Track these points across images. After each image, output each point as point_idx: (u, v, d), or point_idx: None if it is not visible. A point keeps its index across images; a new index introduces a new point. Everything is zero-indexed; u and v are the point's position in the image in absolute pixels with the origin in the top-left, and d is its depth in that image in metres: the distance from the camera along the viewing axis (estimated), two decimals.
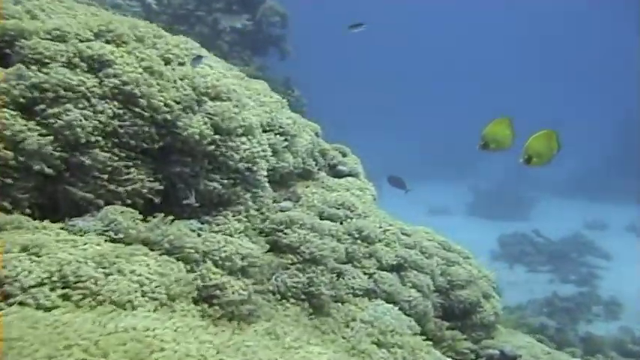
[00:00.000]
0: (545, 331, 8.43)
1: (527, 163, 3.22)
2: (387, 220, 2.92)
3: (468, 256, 3.45)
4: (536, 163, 3.20)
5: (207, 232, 1.90)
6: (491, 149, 3.34)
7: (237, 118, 1.99)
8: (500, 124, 3.31)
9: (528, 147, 3.18)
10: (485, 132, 3.31)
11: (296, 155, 2.82)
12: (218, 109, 1.95)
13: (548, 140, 3.21)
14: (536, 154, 3.18)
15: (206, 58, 2.17)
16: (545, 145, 3.19)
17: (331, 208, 2.74)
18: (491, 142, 3.31)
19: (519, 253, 15.44)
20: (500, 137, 3.31)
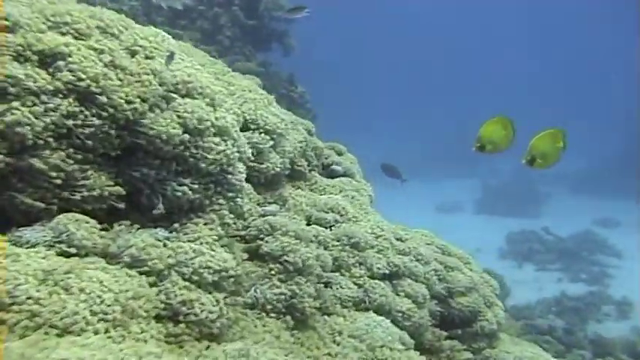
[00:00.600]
0: (554, 332, 8.22)
1: (531, 164, 3.04)
2: (381, 224, 2.74)
3: (468, 261, 3.27)
4: (540, 164, 3.02)
5: (175, 242, 1.73)
6: (488, 151, 3.17)
7: (209, 116, 1.81)
8: (496, 124, 3.13)
9: (532, 147, 3.00)
10: (481, 133, 3.14)
11: (284, 155, 2.65)
12: (188, 107, 1.77)
13: (554, 140, 3.02)
14: (540, 155, 2.99)
15: (179, 55, 1.99)
16: (551, 145, 3.00)
17: (320, 212, 2.57)
18: (488, 144, 3.14)
19: (528, 251, 15.24)
20: (496, 138, 3.13)
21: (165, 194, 1.76)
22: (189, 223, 1.81)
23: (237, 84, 2.67)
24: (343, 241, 2.45)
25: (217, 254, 1.78)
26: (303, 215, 2.55)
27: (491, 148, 3.17)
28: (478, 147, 3.18)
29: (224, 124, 1.88)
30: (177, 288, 1.62)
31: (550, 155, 3.00)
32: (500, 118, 3.17)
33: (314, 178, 3.18)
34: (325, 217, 2.53)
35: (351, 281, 2.38)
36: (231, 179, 1.91)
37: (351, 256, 2.43)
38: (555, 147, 3.01)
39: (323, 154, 3.37)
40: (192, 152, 1.78)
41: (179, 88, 1.83)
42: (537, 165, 3.03)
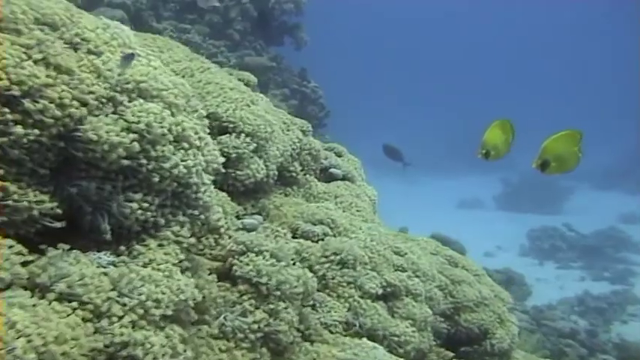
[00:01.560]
0: (577, 335, 7.90)
1: (543, 169, 2.76)
2: (378, 236, 2.47)
3: (478, 273, 2.99)
4: (555, 169, 2.73)
5: (121, 269, 1.47)
6: (492, 158, 2.90)
7: (165, 122, 1.55)
8: (498, 129, 2.86)
9: (545, 150, 2.71)
10: (486, 139, 2.87)
11: (268, 160, 2.39)
12: (139, 112, 1.52)
13: (571, 142, 2.73)
14: (555, 159, 2.71)
15: (138, 50, 1.73)
16: (567, 147, 2.71)
17: (307, 224, 2.31)
18: (492, 150, 2.88)
19: (550, 248, 14.85)
20: (500, 144, 2.87)
21: (110, 212, 1.51)
22: (140, 245, 1.56)
23: (217, 82, 2.41)
24: (331, 257, 2.18)
25: (173, 280, 1.53)
26: (288, 228, 2.29)
27: (495, 155, 2.92)
28: (484, 154, 2.92)
29: (183, 130, 1.62)
30: (117, 326, 1.37)
31: (566, 159, 2.71)
32: (501, 121, 2.90)
33: (309, 183, 2.92)
34: (313, 230, 2.27)
35: (339, 303, 2.12)
36: (193, 193, 1.65)
37: (340, 275, 2.17)
38: (572, 150, 2.72)
39: (320, 157, 3.11)
40: (143, 163, 1.52)
41: (129, 89, 1.57)
42: (552, 170, 2.74)
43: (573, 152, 2.72)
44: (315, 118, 9.47)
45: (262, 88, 8.47)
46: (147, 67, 1.67)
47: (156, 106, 1.57)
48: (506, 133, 2.92)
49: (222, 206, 2.09)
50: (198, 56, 2.63)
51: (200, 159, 1.67)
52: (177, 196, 1.63)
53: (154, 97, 1.60)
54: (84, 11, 1.74)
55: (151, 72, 1.65)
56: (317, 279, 2.14)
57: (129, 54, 1.60)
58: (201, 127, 1.72)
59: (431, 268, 2.55)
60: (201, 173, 1.67)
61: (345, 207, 2.87)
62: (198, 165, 1.65)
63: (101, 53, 1.60)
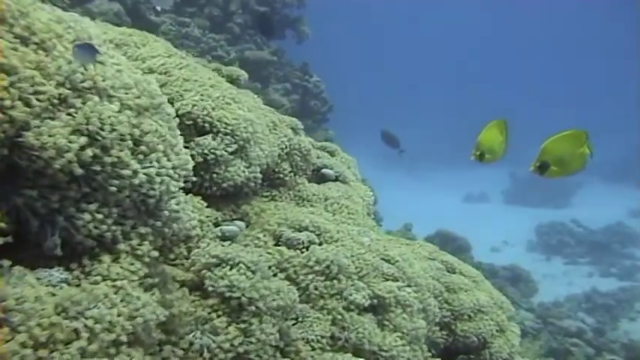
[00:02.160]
0: (583, 335, 7.74)
1: (542, 172, 2.60)
2: (368, 244, 2.32)
3: (476, 279, 2.84)
4: (555, 172, 2.57)
5: (70, 288, 1.34)
6: (487, 160, 2.75)
7: (125, 124, 1.41)
8: (493, 130, 2.70)
9: (544, 151, 2.55)
10: (481, 140, 2.72)
11: (251, 161, 2.24)
12: (94, 113, 1.38)
13: (575, 143, 2.56)
14: (556, 161, 2.54)
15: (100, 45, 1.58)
16: (570, 149, 2.55)
17: (291, 231, 2.16)
18: (488, 152, 2.72)
19: (557, 243, 14.69)
20: (496, 145, 2.71)
21: (60, 225, 1.37)
22: (95, 261, 1.41)
23: (196, 79, 2.26)
24: (315, 267, 2.04)
25: (131, 299, 1.39)
26: (270, 235, 2.15)
27: (490, 157, 2.77)
28: (478, 155, 2.77)
29: (145, 133, 1.48)
30: (58, 355, 1.23)
31: (569, 161, 2.55)
32: (497, 122, 2.75)
33: (299, 185, 2.77)
34: (297, 238, 2.11)
35: (323, 316, 1.97)
36: (156, 202, 1.50)
37: (325, 286, 2.02)
38: (576, 151, 2.56)
39: (311, 157, 2.96)
40: (97, 171, 1.38)
41: (83, 88, 1.43)
42: (553, 173, 2.58)
43: (578, 154, 2.56)
44: (317, 113, 9.33)
45: (263, 82, 8.34)
46: (106, 64, 1.52)
47: (112, 106, 1.43)
48: (502, 134, 2.77)
49: (198, 212, 1.95)
50: (177, 51, 2.48)
51: (165, 164, 1.53)
52: (137, 207, 1.49)
53: (111, 96, 1.45)
54: (39, 4, 1.60)
55: (109, 69, 1.51)
56: (300, 291, 2.00)
57: (85, 49, 1.45)
58: (168, 129, 1.58)
59: (425, 277, 2.40)
60: (166, 180, 1.52)
61: (336, 210, 2.72)
62: (162, 171, 1.51)
63: (52, 48, 1.45)
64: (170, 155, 1.56)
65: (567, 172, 2.59)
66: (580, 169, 2.60)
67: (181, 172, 1.61)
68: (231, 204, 2.23)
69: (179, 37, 7.66)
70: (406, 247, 2.84)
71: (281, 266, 2.02)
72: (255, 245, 2.06)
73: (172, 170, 1.55)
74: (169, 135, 1.58)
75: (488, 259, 12.01)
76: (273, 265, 2.01)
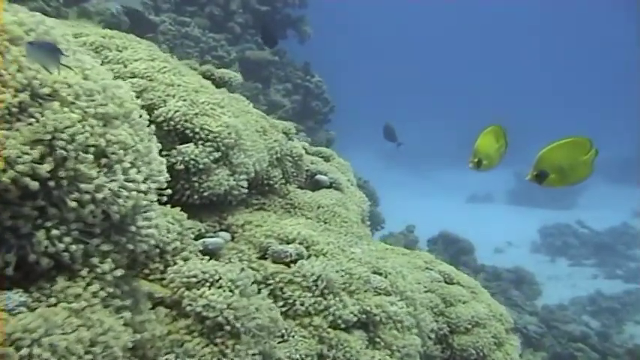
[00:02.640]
0: (588, 339, 7.62)
1: (540, 181, 2.49)
2: (360, 255, 2.22)
3: (475, 290, 2.74)
4: (555, 181, 2.46)
5: (29, 312, 1.24)
6: (484, 167, 2.64)
7: (88, 134, 1.31)
8: (491, 136, 2.60)
9: (541, 160, 2.44)
10: (478, 146, 2.61)
11: (236, 170, 2.14)
12: (51, 121, 1.28)
13: (576, 151, 2.44)
14: (555, 170, 2.43)
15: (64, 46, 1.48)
16: (570, 157, 2.43)
17: (279, 244, 2.06)
18: (485, 159, 2.62)
19: (562, 244, 14.56)
20: (493, 152, 2.60)
21: (13, 243, 1.27)
22: (53, 281, 1.31)
23: (180, 84, 2.17)
24: (302, 282, 1.93)
25: (92, 322, 1.29)
26: (256, 248, 2.05)
27: (487, 164, 2.66)
28: (475, 163, 2.66)
29: (112, 143, 1.38)
30: None
31: (570, 170, 2.44)
32: (494, 128, 2.64)
33: (290, 193, 2.67)
34: (285, 251, 2.01)
35: (309, 334, 1.87)
36: (123, 217, 1.40)
37: (311, 303, 1.91)
38: (578, 160, 2.45)
39: (304, 163, 2.86)
40: (55, 185, 1.28)
41: (43, 95, 1.33)
42: (552, 182, 2.47)
43: (581, 162, 2.44)
44: (319, 114, 9.22)
45: (264, 82, 8.25)
46: (70, 69, 1.42)
47: (74, 115, 1.32)
48: (499, 141, 2.67)
49: (178, 224, 1.85)
50: (161, 54, 2.37)
51: (133, 177, 1.42)
52: (102, 223, 1.38)
53: (73, 104, 1.35)
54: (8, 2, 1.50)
55: (71, 75, 1.40)
56: (286, 307, 1.90)
57: (46, 52, 1.35)
58: (138, 138, 1.47)
59: (419, 289, 2.30)
60: (134, 193, 1.42)
61: (329, 218, 2.62)
62: (129, 185, 1.40)
63: (6, 52, 1.35)
64: (140, 166, 1.45)
65: (569, 181, 2.48)
66: (584, 177, 2.48)
67: (153, 183, 1.50)
68: (216, 214, 2.13)
69: (178, 37, 7.57)
70: (402, 257, 2.75)
71: (266, 282, 1.92)
72: (240, 259, 1.96)
73: (143, 182, 1.45)
74: (140, 145, 1.47)
75: (492, 261, 11.92)
76: (259, 280, 1.91)
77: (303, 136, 8.03)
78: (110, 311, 1.37)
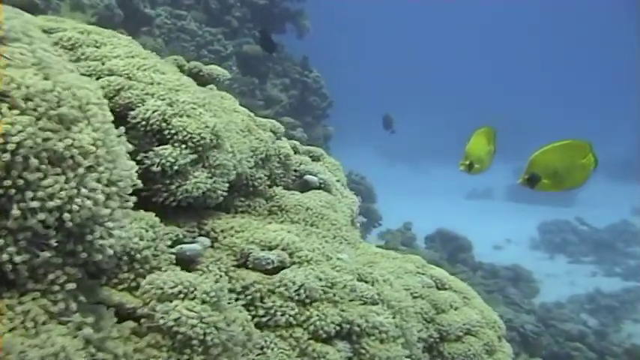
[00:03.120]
0: (585, 338, 7.56)
1: (532, 185, 2.40)
2: (345, 262, 2.13)
3: (467, 295, 2.65)
4: (549, 186, 2.37)
5: None
6: (475, 171, 2.55)
7: (34, 139, 1.22)
8: (483, 138, 2.50)
9: (533, 163, 2.34)
10: (469, 149, 2.52)
11: (215, 172, 2.05)
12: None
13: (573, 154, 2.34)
14: (549, 174, 2.33)
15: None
16: (566, 161, 2.33)
17: (261, 250, 1.97)
18: (477, 162, 2.52)
19: (561, 241, 14.50)
20: (484, 155, 2.51)
21: None
22: (8, 298, 1.23)
23: (159, 82, 2.07)
24: (284, 292, 1.84)
25: (45, 340, 1.20)
26: (236, 255, 1.96)
27: (479, 167, 2.57)
28: (467, 165, 2.57)
29: (67, 149, 1.29)
30: None
31: (567, 174, 2.34)
32: (485, 130, 2.54)
33: (277, 195, 2.58)
34: (267, 258, 1.92)
35: (288, 346, 1.78)
36: (80, 226, 1.31)
37: (294, 314, 1.83)
38: (576, 163, 2.35)
39: (292, 163, 2.77)
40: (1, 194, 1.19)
41: None
42: (545, 186, 2.38)
43: (577, 166, 2.34)
44: (317, 109, 9.13)
45: (261, 77, 8.15)
46: (26, 67, 1.33)
47: (23, 118, 1.23)
48: (489, 143, 2.57)
49: (152, 230, 1.76)
50: (142, 51, 2.28)
51: (92, 184, 1.33)
52: (57, 233, 1.29)
53: (23, 105, 1.26)
54: None
55: (29, 74, 1.31)
56: (266, 317, 1.82)
57: None
58: (100, 141, 1.38)
59: (406, 298, 2.21)
60: (91, 200, 1.32)
61: (316, 221, 2.53)
62: (83, 191, 1.31)
63: None
64: (102, 172, 1.36)
65: (564, 185, 2.38)
66: (581, 182, 2.38)
67: (116, 188, 1.41)
68: (196, 219, 2.04)
69: (174, 31, 7.47)
70: (392, 261, 2.65)
71: (246, 291, 1.83)
72: (218, 268, 1.87)
73: (104, 188, 1.36)
74: (103, 148, 1.38)
75: (491, 258, 11.89)
76: (238, 289, 1.83)
77: (300, 132, 7.95)
78: (67, 328, 1.28)
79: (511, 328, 7.37)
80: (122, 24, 6.38)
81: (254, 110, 7.06)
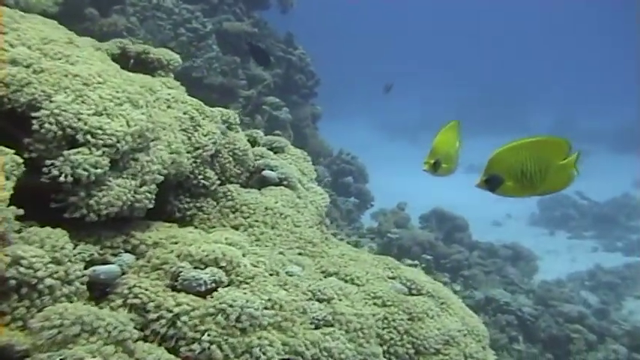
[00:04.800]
0: (585, 320, 7.32)
1: (492, 188, 2.10)
2: (297, 276, 1.84)
3: (446, 301, 2.38)
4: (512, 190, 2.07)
5: None
6: (443, 171, 2.26)
7: None
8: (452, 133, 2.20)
9: (491, 164, 2.04)
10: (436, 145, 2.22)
11: (143, 176, 1.76)
12: None
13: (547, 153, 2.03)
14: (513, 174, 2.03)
15: None
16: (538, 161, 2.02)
17: (192, 267, 1.68)
18: (444, 160, 2.23)
19: (561, 216, 14.25)
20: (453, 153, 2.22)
21: None
22: None
23: (76, 74, 1.77)
24: (218, 319, 1.56)
25: None
26: (166, 274, 1.67)
27: (447, 168, 2.27)
28: (432, 165, 2.28)
29: None
30: None
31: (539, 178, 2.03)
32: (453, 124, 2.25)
33: (229, 195, 2.30)
34: (198, 278, 1.64)
35: None
36: None
37: (231, 344, 1.55)
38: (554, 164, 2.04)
39: (248, 157, 2.48)
40: None
41: None
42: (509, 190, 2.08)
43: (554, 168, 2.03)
44: (303, 87, 8.79)
45: (243, 56, 7.82)
46: None
47: None
48: (458, 140, 2.28)
49: (51, 250, 1.48)
50: (62, 36, 1.97)
51: None
52: None
53: None
54: None
55: None
56: (197, 352, 1.54)
57: None
58: None
59: (367, 315, 1.93)
60: None
61: (274, 224, 2.25)
62: None
63: None
64: None
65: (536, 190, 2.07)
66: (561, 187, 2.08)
67: None
68: (118, 233, 1.75)
69: (149, 9, 7.11)
70: (361, 264, 2.37)
71: (174, 321, 1.55)
72: (139, 292, 1.59)
73: None
74: None
75: (490, 234, 11.67)
76: (167, 317, 1.55)
77: (285, 112, 7.64)
78: None
79: (508, 311, 7.13)
80: (92, 3, 6.05)
81: (236, 90, 6.75)
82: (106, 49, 2.59)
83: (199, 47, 7.31)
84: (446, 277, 7.70)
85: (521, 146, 2.00)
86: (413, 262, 7.28)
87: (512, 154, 2.01)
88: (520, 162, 2.00)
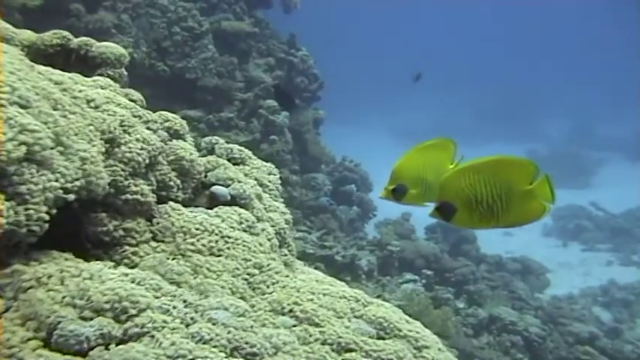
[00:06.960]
0: (596, 341, 6.92)
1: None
2: (221, 324, 1.48)
3: (419, 344, 2.01)
4: (462, 221, 1.73)
5: None
6: (408, 200, 1.91)
7: None
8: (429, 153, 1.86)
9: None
10: (398, 168, 1.87)
11: (29, 199, 1.41)
12: None
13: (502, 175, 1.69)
14: (463, 202, 1.68)
15: None
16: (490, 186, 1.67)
17: (77, 314, 1.33)
18: (411, 186, 1.87)
19: (575, 228, 13.81)
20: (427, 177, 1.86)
21: None
22: None
23: None
24: None
25: None
26: (43, 325, 1.32)
27: (415, 195, 1.91)
28: (390, 191, 1.91)
29: None
30: None
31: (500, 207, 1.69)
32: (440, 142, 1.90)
33: (166, 214, 1.94)
34: (77, 335, 1.26)
35: None
36: None
37: None
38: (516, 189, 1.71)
39: (195, 170, 2.12)
40: None
41: None
42: (457, 222, 1.75)
43: (518, 194, 1.70)
44: (305, 91, 8.43)
45: (242, 57, 7.50)
46: None
47: None
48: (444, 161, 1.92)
49: None
50: None
51: None
52: None
53: None
54: None
55: None
56: None
57: None
58: None
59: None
60: None
61: (219, 251, 1.90)
62: None
63: None
64: None
65: (499, 221, 1.73)
66: (530, 218, 1.75)
67: None
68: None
69: (142, 6, 6.79)
70: (320, 299, 2.00)
71: None
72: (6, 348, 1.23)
73: None
74: None
75: (501, 245, 11.31)
76: None
77: (283, 116, 7.29)
78: None
79: (514, 331, 6.74)
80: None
81: (231, 93, 6.38)
82: (43, 42, 2.27)
83: (194, 47, 6.98)
84: (449, 293, 7.31)
85: (471, 168, 1.66)
86: (413, 277, 6.92)
87: (461, 177, 1.67)
88: (471, 186, 1.65)
